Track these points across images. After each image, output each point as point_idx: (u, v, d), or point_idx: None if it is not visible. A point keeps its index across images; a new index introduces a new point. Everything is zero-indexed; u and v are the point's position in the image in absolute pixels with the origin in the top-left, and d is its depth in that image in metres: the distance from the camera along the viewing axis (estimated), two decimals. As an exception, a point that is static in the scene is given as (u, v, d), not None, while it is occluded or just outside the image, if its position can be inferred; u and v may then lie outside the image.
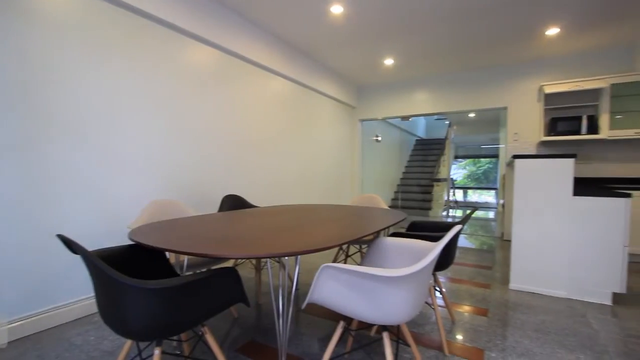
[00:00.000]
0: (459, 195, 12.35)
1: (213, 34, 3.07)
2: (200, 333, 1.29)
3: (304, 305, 1.27)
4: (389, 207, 7.92)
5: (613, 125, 3.95)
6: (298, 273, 2.83)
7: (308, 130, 4.85)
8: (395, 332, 1.90)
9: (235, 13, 3.29)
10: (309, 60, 4.60)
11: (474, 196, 13.61)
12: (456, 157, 12.99)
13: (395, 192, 8.55)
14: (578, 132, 4.10)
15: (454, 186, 10.75)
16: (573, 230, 2.59)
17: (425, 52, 4.36)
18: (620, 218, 2.44)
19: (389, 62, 4.71)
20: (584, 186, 2.98)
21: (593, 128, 4.04)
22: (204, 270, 1.38)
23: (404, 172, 9.28)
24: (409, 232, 1.89)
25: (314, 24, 3.54)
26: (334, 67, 5.05)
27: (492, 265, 3.57)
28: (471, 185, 14.35)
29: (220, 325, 2.12)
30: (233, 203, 2.89)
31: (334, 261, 2.92)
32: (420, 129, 11.00)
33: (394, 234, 1.91)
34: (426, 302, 2.33)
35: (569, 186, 2.58)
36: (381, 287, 1.09)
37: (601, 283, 2.51)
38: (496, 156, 11.55)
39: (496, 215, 7.98)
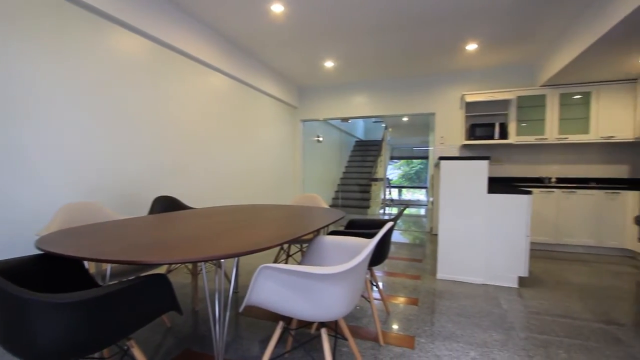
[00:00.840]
0: (394, 193, 13.15)
1: (145, 22, 2.83)
2: (125, 347, 1.18)
3: (241, 308, 1.24)
4: (330, 206, 8.05)
5: (519, 132, 4.57)
6: (236, 275, 2.75)
7: (249, 129, 4.74)
8: (333, 327, 1.96)
9: (169, 3, 3.07)
10: (250, 58, 4.49)
11: (407, 194, 14.61)
12: (392, 158, 13.83)
13: (336, 192, 8.79)
14: (492, 137, 4.65)
15: (389, 185, 11.41)
16: (487, 223, 2.93)
17: (363, 58, 4.55)
18: (524, 212, 2.83)
19: (329, 64, 4.82)
20: (496, 185, 3.39)
21: (504, 134, 4.62)
22: (132, 278, 1.26)
23: (344, 172, 9.59)
24: (346, 230, 1.96)
25: (255, 21, 3.47)
26: (275, 67, 5.01)
27: (423, 258, 3.87)
28: (405, 184, 15.40)
29: (151, 337, 1.97)
30: (166, 205, 2.70)
31: (275, 261, 2.90)
32: (360, 131, 11.47)
33: (333, 232, 1.97)
34: (363, 296, 2.44)
35: (484, 185, 2.92)
36: (318, 284, 1.12)
37: (509, 269, 2.88)
38: (426, 157, 12.56)
39: (427, 212, 8.69)
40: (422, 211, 9.21)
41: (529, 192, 2.82)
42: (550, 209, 4.17)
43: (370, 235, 1.78)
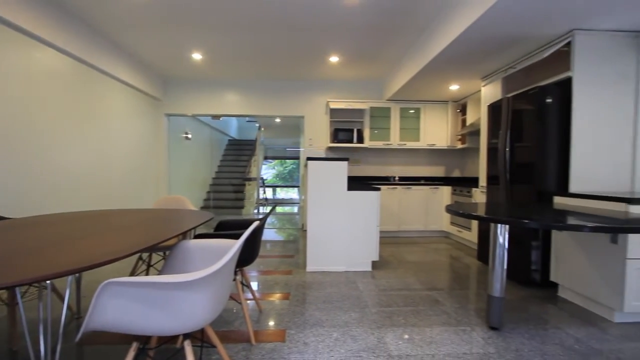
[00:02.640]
0: (269, 193, 13.35)
1: None
2: None
3: (78, 337, 1.03)
4: (201, 208, 7.55)
5: (372, 138, 5.35)
6: (78, 298, 2.27)
7: (99, 121, 3.97)
8: (199, 336, 1.85)
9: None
10: (98, 36, 3.75)
11: (281, 193, 15.08)
12: (266, 157, 13.99)
13: (208, 192, 8.31)
14: (351, 141, 5.29)
15: (264, 185, 11.53)
16: (347, 217, 3.32)
17: (233, 55, 4.44)
18: (375, 206, 3.33)
19: (197, 56, 4.51)
20: (354, 183, 3.86)
21: (360, 139, 5.31)
22: None
23: (216, 172, 9.15)
24: (214, 232, 1.88)
25: (100, -7, 2.93)
26: (133, 51, 4.34)
27: (295, 253, 4.08)
28: (279, 183, 15.85)
29: None
30: (-41, 217, 1.99)
31: (132, 273, 2.53)
32: (233, 130, 11.15)
33: (200, 236, 1.86)
34: (234, 299, 2.39)
35: (344, 183, 3.29)
36: (178, 294, 1.04)
37: (365, 255, 3.34)
38: (298, 158, 13.23)
39: (299, 210, 9.17)
40: (295, 209, 9.68)
41: (378, 189, 3.34)
42: (394, 202, 5.04)
43: (239, 236, 1.76)
